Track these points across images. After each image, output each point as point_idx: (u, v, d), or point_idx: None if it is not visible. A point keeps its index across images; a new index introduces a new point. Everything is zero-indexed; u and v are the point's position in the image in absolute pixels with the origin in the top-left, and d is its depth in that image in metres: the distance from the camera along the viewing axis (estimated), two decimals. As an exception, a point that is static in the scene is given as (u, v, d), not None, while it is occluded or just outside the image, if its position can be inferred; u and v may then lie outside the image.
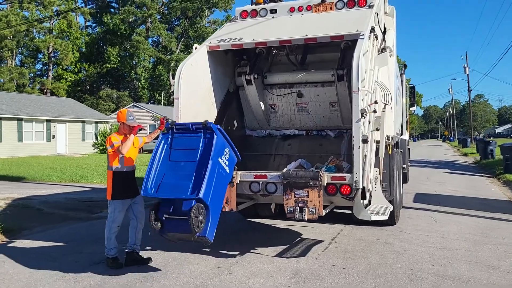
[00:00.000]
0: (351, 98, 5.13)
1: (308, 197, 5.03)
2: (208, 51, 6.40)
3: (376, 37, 6.39)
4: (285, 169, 5.25)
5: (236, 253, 5.95)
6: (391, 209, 6.00)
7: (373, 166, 5.94)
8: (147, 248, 6.23)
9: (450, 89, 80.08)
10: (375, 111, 5.32)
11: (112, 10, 62.05)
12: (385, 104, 6.19)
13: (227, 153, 4.96)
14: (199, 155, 4.71)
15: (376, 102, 5.32)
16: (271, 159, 7.33)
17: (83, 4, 59.43)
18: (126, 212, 5.54)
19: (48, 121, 30.64)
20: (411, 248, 6.20)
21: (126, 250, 5.54)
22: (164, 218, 4.58)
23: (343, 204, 5.74)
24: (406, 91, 13.38)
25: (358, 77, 5.04)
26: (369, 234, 6.98)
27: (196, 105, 6.15)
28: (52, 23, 53.07)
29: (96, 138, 34.18)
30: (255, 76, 6.91)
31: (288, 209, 5.11)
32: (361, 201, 5.25)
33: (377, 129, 5.56)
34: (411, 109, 14.29)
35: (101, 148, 32.93)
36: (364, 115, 5.09)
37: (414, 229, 7.49)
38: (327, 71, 6.75)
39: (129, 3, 58.44)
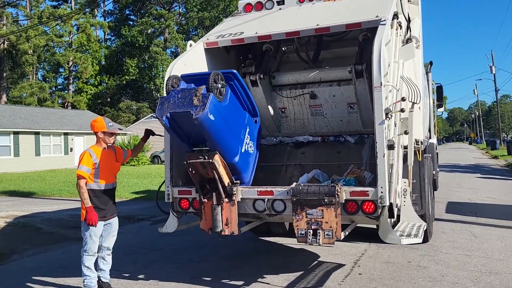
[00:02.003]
0: (373, 96, 4.23)
1: (322, 218, 4.13)
2: (205, 48, 5.59)
3: (400, 25, 5.49)
4: (294, 184, 4.37)
5: (241, 283, 5.07)
6: (425, 227, 5.04)
7: (401, 177, 5.01)
8: (140, 276, 5.41)
9: (476, 90, 77.56)
10: (402, 111, 4.40)
11: (131, 22, 62.44)
12: (413, 103, 5.25)
13: (250, 146, 4.82)
14: None
15: (403, 99, 4.40)
16: (283, 170, 6.43)
17: (102, 18, 60.07)
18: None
19: (66, 134, 30.43)
20: (450, 273, 5.21)
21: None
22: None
23: (367, 223, 4.81)
24: (433, 91, 12.34)
25: (380, 69, 4.14)
26: (399, 255, 6.00)
27: (192, 110, 5.32)
28: (72, 37, 53.55)
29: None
30: (261, 76, 6.05)
31: (299, 232, 4.22)
32: (388, 220, 4.33)
33: (405, 133, 4.63)
34: (438, 110, 13.19)
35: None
36: (389, 116, 4.18)
37: (451, 247, 6.47)
38: (343, 68, 5.84)
39: (146, 15, 58.65)
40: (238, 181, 4.55)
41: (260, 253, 6.55)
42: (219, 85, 4.20)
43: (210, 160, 4.19)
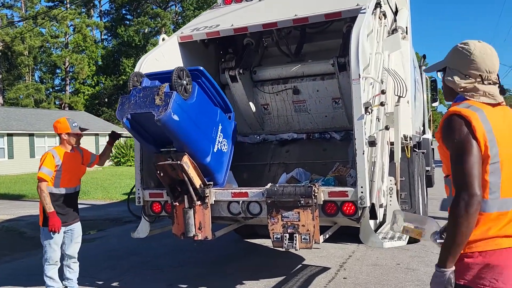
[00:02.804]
0: (351, 90, 3.95)
1: (299, 221, 3.86)
2: (179, 42, 5.30)
3: (384, 15, 5.20)
4: (269, 184, 4.10)
5: (218, 289, 4.81)
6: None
7: (386, 175, 4.74)
8: (113, 284, 5.14)
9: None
10: (382, 104, 4.11)
11: (127, 22, 62.05)
12: (399, 97, 4.96)
13: (224, 144, 4.50)
14: None
15: (383, 92, 4.12)
16: (266, 169, 6.14)
17: (98, 18, 59.75)
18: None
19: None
20: (440, 276, 4.93)
21: None
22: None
23: (350, 225, 4.53)
24: (427, 85, 12.04)
25: (358, 61, 3.86)
26: (387, 257, 5.73)
27: (166, 108, 5.03)
28: (68, 38, 53.24)
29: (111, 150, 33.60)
30: (241, 71, 5.76)
31: (275, 236, 3.95)
32: (372, 222, 4.05)
33: (387, 128, 4.35)
34: (433, 104, 12.89)
35: (115, 160, 32.33)
36: (369, 111, 3.90)
37: (443, 247, 6.19)
38: (326, 61, 5.55)
39: (142, 14, 58.29)
40: (211, 183, 4.27)
41: (243, 256, 6.29)
42: (184, 82, 3.87)
43: (178, 162, 3.91)
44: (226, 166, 4.45)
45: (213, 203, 4.28)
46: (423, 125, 9.95)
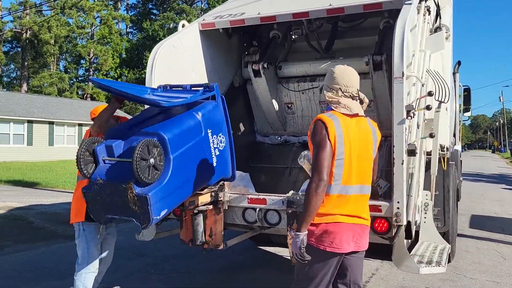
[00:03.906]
0: (392, 90, 3.45)
1: (323, 235, 3.37)
2: (200, 30, 4.87)
3: (428, 11, 4.67)
4: (291, 192, 3.62)
5: (228, 303, 4.35)
6: (449, 250, 4.23)
7: (421, 188, 4.22)
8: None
9: (501, 97, 74.81)
10: (428, 108, 3.60)
11: (153, 17, 62.26)
12: (440, 102, 4.44)
13: (221, 140, 3.54)
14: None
15: (430, 94, 3.60)
16: (287, 173, 5.69)
17: (125, 12, 60.12)
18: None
19: (80, 125, 30.16)
20: (476, 305, 4.40)
21: None
22: (102, 160, 3.02)
23: (380, 242, 4.02)
24: (460, 93, 11.38)
25: (402, 56, 3.36)
26: (415, 278, 5.19)
27: (181, 100, 4.60)
28: (94, 29, 53.64)
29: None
30: (266, 66, 5.31)
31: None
32: (405, 242, 3.54)
33: (431, 136, 3.82)
34: (465, 114, 12.19)
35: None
36: (411, 115, 3.39)
37: (476, 270, 5.62)
38: (359, 59, 5.05)
39: (168, 9, 58.39)
40: (222, 182, 3.79)
41: (256, 265, 5.82)
42: (152, 160, 2.85)
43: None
44: (231, 158, 3.71)
45: (226, 208, 3.83)
46: (454, 136, 9.33)
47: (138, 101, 3.86)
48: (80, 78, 59.08)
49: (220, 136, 3.51)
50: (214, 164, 3.45)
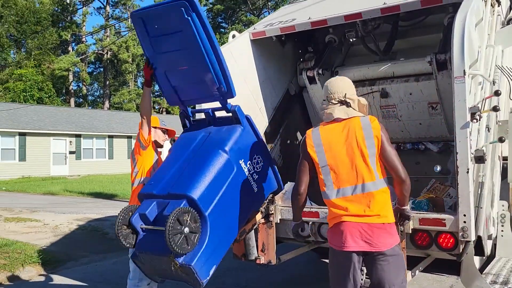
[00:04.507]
0: (453, 90, 3.14)
1: (380, 251, 3.11)
2: (251, 40, 4.81)
3: (498, 2, 4.25)
4: (344, 205, 3.40)
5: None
6: (532, 269, 3.75)
7: (497, 198, 3.80)
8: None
9: None
10: (495, 109, 3.22)
11: (222, 30, 64.05)
12: (516, 101, 3.99)
13: (257, 162, 3.38)
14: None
15: (497, 94, 3.22)
16: (347, 182, 5.42)
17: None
18: None
19: (156, 138, 31.59)
20: None
21: None
22: (140, 228, 3.02)
23: (448, 258, 3.66)
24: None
25: (463, 53, 3.04)
26: (496, 297, 4.67)
27: (233, 112, 4.55)
28: (167, 46, 56.24)
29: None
30: (320, 71, 5.12)
31: (349, 268, 3.24)
32: (475, 259, 3.18)
33: (501, 140, 3.42)
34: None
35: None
36: (477, 117, 3.05)
37: None
38: (422, 59, 4.70)
39: (236, 22, 59.75)
40: (272, 196, 3.66)
41: (317, 281, 5.58)
42: (186, 229, 2.77)
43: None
44: (273, 172, 3.57)
45: (278, 222, 3.70)
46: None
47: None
48: (156, 93, 62.14)
49: (254, 159, 3.35)
50: (256, 190, 3.34)
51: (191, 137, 3.42)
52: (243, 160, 3.25)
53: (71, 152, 26.80)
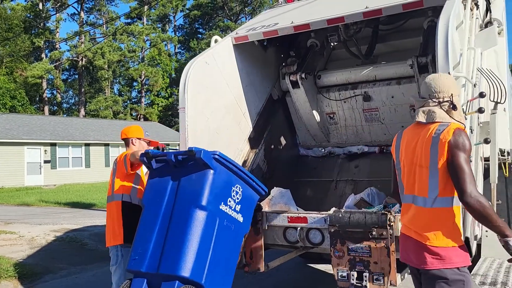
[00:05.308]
0: (438, 93, 3.15)
1: (370, 256, 3.10)
2: (234, 44, 4.77)
3: (476, 5, 4.32)
4: (333, 209, 3.38)
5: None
6: (516, 268, 3.79)
7: (481, 199, 3.82)
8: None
9: None
10: (480, 111, 3.25)
11: (200, 36, 63.82)
12: (496, 103, 4.05)
13: (236, 192, 3.24)
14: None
15: (482, 95, 3.26)
16: (332, 186, 5.44)
17: (172, 33, 62.01)
18: None
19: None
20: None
21: None
22: None
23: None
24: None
25: (447, 56, 3.06)
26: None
27: (217, 117, 4.50)
28: (144, 52, 55.70)
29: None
30: (303, 76, 5.12)
31: (339, 273, 3.22)
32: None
33: (486, 141, 3.46)
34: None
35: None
36: (462, 119, 3.07)
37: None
38: (403, 62, 4.75)
39: (214, 27, 59.67)
40: (258, 203, 3.62)
41: (306, 286, 5.55)
42: None
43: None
44: (254, 183, 3.47)
45: (266, 228, 3.65)
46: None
47: None
48: (133, 100, 61.41)
49: (233, 192, 3.24)
50: (242, 220, 3.29)
51: (160, 189, 3.20)
52: (222, 202, 3.14)
53: (46, 161, 26.17)
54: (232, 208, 3.18)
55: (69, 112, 54.09)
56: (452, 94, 2.46)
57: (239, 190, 3.26)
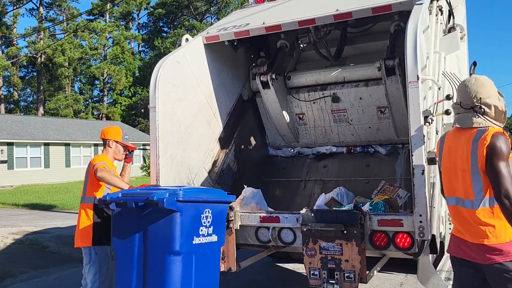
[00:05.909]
0: (407, 95, 3.25)
1: (341, 254, 3.16)
2: (205, 44, 4.74)
3: (441, 11, 4.48)
4: (304, 209, 3.42)
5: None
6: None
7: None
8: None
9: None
10: (447, 113, 3.37)
11: (164, 34, 62.99)
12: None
13: (206, 216, 3.23)
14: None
15: (448, 98, 3.38)
16: (301, 186, 5.49)
17: (136, 31, 60.95)
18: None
19: (96, 145, 30.33)
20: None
21: None
22: None
23: (403, 257, 3.78)
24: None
25: (416, 59, 3.16)
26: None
27: (188, 117, 4.47)
28: (106, 50, 54.46)
29: (144, 160, 33.65)
30: (274, 76, 5.15)
31: (311, 272, 3.27)
32: (430, 257, 3.30)
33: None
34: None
35: (148, 171, 32.35)
36: (429, 120, 3.18)
37: None
38: (371, 65, 4.87)
39: (179, 26, 59.05)
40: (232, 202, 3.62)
41: (276, 285, 5.59)
42: None
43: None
44: (221, 200, 3.52)
45: (238, 228, 3.65)
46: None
47: None
48: (95, 99, 59.91)
49: (203, 219, 3.21)
50: (216, 239, 3.32)
51: (128, 235, 3.13)
52: (194, 236, 3.12)
53: (2, 161, 25.10)
54: (205, 235, 3.18)
55: (27, 111, 52.20)
56: (480, 98, 2.49)
57: (209, 213, 3.24)
